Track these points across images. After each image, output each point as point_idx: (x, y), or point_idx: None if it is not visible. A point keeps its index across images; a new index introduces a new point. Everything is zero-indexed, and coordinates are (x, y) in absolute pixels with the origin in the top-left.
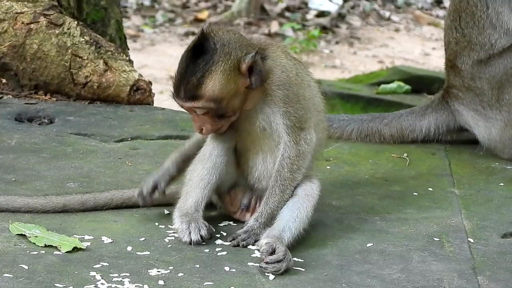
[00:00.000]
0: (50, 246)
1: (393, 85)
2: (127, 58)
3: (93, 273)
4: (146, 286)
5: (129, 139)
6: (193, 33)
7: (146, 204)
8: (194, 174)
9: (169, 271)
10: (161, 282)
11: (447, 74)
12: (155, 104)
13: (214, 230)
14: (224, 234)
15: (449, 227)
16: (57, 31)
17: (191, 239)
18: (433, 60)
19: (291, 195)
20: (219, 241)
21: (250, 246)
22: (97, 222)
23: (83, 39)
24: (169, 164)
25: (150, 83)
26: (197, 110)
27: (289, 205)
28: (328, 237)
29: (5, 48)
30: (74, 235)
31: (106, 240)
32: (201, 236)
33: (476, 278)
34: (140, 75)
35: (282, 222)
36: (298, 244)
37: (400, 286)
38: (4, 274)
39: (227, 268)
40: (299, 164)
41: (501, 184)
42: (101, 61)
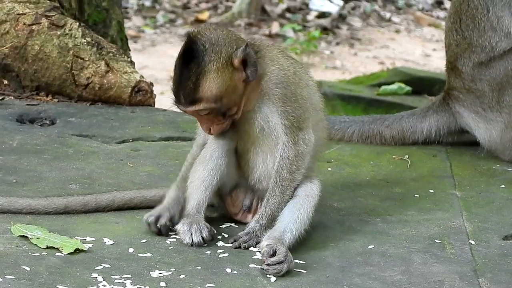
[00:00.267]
0: (52, 248)
1: (394, 87)
2: (129, 60)
3: (95, 275)
4: None
5: (131, 141)
6: None
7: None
8: (195, 176)
9: (171, 273)
10: (163, 284)
11: (448, 76)
12: (156, 105)
13: (216, 232)
14: (226, 236)
15: (450, 229)
16: (59, 33)
17: (193, 241)
18: (434, 61)
19: (292, 196)
20: (221, 243)
21: (252, 248)
22: (99, 224)
23: (85, 41)
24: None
25: (152, 85)
26: (201, 112)
27: (290, 206)
28: (329, 239)
29: (7, 49)
30: (76, 237)
31: (108, 242)
32: (203, 238)
33: (478, 280)
34: (142, 76)
35: (283, 224)
36: (299, 246)
37: None
38: (6, 276)
39: (229, 270)
40: (298, 165)
41: (502, 186)
42: (103, 63)
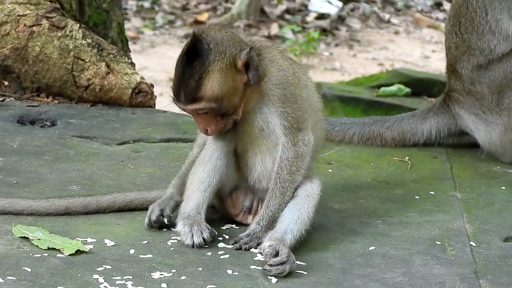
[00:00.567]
0: (53, 249)
1: (393, 88)
2: (129, 61)
3: (96, 276)
4: None
5: (131, 142)
6: None
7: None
8: (195, 177)
9: (172, 274)
10: (164, 285)
11: (448, 78)
12: (156, 106)
13: (217, 233)
14: (227, 237)
15: (451, 231)
16: (59, 34)
17: (194, 242)
18: (433, 63)
19: (292, 197)
20: (222, 244)
21: (253, 249)
22: (100, 225)
23: (85, 42)
24: (172, 190)
25: (152, 86)
26: (200, 111)
27: (290, 207)
28: (330, 241)
29: (8, 51)
30: (77, 238)
31: (109, 243)
32: (204, 239)
33: (478, 282)
34: (142, 78)
35: (284, 225)
36: (300, 247)
37: None
38: (7, 277)
39: (230, 271)
40: (298, 166)
41: (503, 188)
42: (103, 64)
